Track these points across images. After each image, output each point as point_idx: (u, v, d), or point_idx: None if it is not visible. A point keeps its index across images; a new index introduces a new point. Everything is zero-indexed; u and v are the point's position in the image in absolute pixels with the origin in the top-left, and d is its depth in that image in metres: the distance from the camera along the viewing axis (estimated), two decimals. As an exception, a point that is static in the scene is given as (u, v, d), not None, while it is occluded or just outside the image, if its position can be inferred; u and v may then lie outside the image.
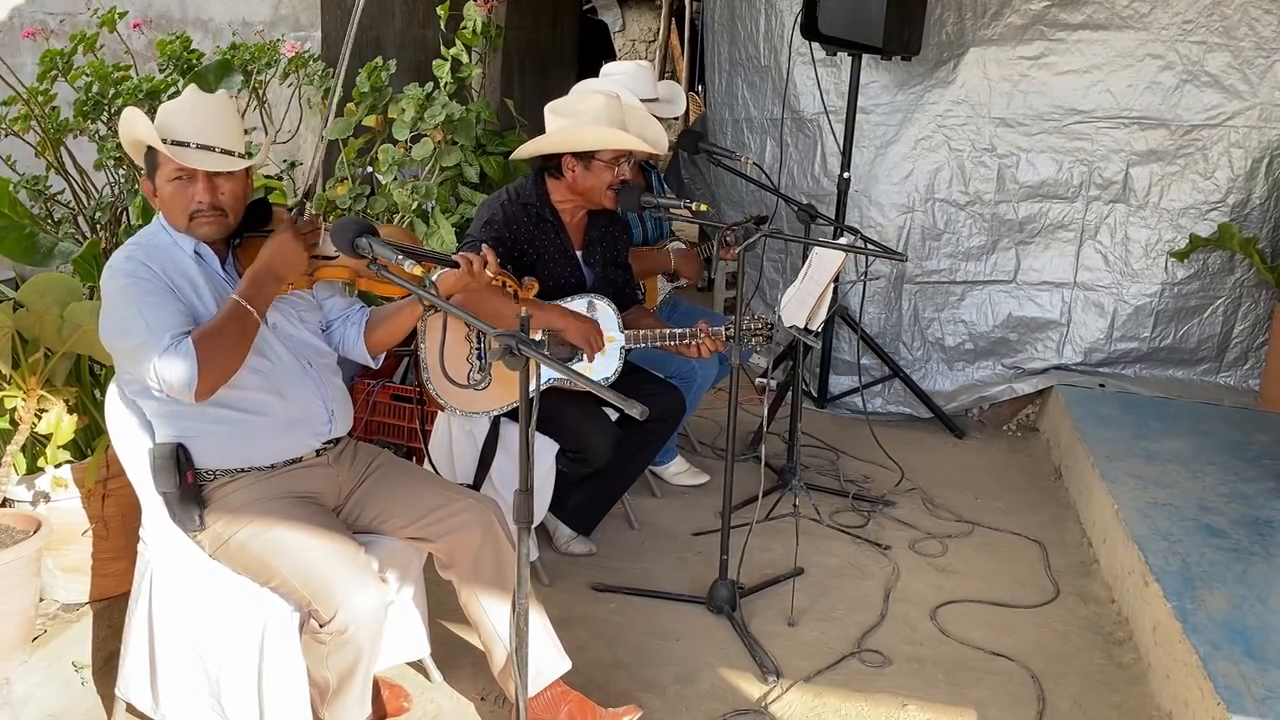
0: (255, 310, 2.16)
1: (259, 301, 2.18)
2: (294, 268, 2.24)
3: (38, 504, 2.50)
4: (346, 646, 2.13)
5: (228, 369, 2.14)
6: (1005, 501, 3.97)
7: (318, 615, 2.14)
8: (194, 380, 2.07)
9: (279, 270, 2.21)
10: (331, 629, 2.11)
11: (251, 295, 2.17)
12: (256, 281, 2.19)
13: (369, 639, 2.15)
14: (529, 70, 7.11)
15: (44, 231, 3.29)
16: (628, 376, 3.13)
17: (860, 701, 2.71)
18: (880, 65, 4.65)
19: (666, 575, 3.30)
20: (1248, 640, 2.61)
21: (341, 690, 2.20)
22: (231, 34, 4.62)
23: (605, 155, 3.01)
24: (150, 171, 2.24)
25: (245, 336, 2.16)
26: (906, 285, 4.81)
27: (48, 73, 3.64)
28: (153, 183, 2.24)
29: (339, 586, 2.12)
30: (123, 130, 2.27)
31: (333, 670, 2.17)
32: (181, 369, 2.06)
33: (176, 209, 2.22)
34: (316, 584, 2.13)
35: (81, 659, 2.52)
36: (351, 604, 2.10)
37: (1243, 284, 4.61)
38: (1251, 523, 3.30)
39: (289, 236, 2.23)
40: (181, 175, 2.20)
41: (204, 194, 2.21)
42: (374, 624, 2.15)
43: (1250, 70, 4.39)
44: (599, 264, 3.21)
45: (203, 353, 2.08)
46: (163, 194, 2.23)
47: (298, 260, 2.24)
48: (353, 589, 2.12)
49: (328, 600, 2.11)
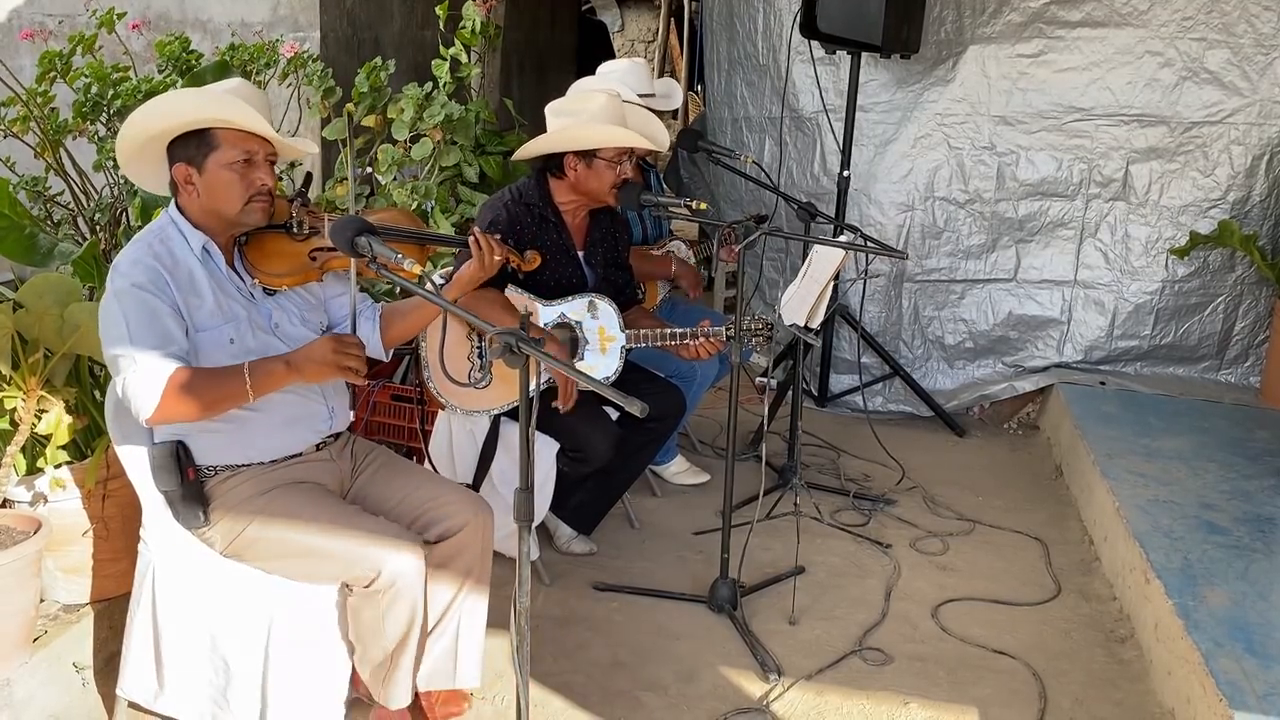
0: (252, 392, 2.13)
1: (262, 385, 2.14)
2: (317, 373, 2.17)
3: (37, 505, 2.50)
4: (400, 600, 2.16)
5: (187, 416, 2.12)
6: (1006, 500, 3.96)
7: (359, 580, 2.15)
8: (151, 411, 2.07)
9: (303, 368, 2.16)
10: (380, 585, 2.13)
11: (261, 377, 2.13)
12: (274, 373, 2.15)
13: (420, 594, 2.18)
14: (528, 70, 7.11)
15: (43, 232, 3.28)
16: (628, 376, 3.13)
17: (862, 700, 2.70)
18: (879, 63, 4.64)
19: (667, 574, 3.29)
20: (1249, 637, 2.60)
21: (397, 661, 2.23)
22: (230, 34, 4.62)
23: (608, 153, 3.01)
24: (195, 157, 2.18)
25: (223, 403, 2.14)
26: (906, 284, 4.81)
27: (46, 74, 3.64)
28: (196, 168, 2.18)
29: (375, 545, 2.15)
30: (162, 115, 2.17)
31: (393, 631, 2.20)
32: (145, 394, 2.06)
33: (234, 194, 2.19)
34: (351, 549, 2.15)
35: (82, 660, 2.52)
36: (392, 559, 2.13)
37: (1243, 281, 4.61)
38: (1253, 520, 3.30)
39: (330, 350, 2.15)
40: (246, 158, 2.18)
41: (269, 177, 2.22)
42: (420, 579, 2.17)
43: (1250, 67, 4.38)
44: (600, 264, 3.21)
45: (173, 391, 2.06)
46: (216, 180, 2.18)
47: (324, 367, 2.16)
48: (390, 546, 2.15)
49: (366, 562, 2.13)
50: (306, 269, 2.33)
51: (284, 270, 2.32)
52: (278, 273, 2.31)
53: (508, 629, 2.06)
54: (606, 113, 3.00)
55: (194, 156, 2.19)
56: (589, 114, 2.99)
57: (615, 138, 2.98)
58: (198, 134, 2.18)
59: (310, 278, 2.35)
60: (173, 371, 2.08)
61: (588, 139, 2.98)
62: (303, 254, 2.33)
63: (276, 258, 2.32)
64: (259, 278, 2.31)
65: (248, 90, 2.26)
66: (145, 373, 2.06)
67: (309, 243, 2.34)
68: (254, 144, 2.20)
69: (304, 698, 2.24)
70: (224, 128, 2.17)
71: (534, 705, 2.49)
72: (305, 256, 2.33)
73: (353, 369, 2.16)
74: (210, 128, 2.17)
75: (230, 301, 2.25)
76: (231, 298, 2.26)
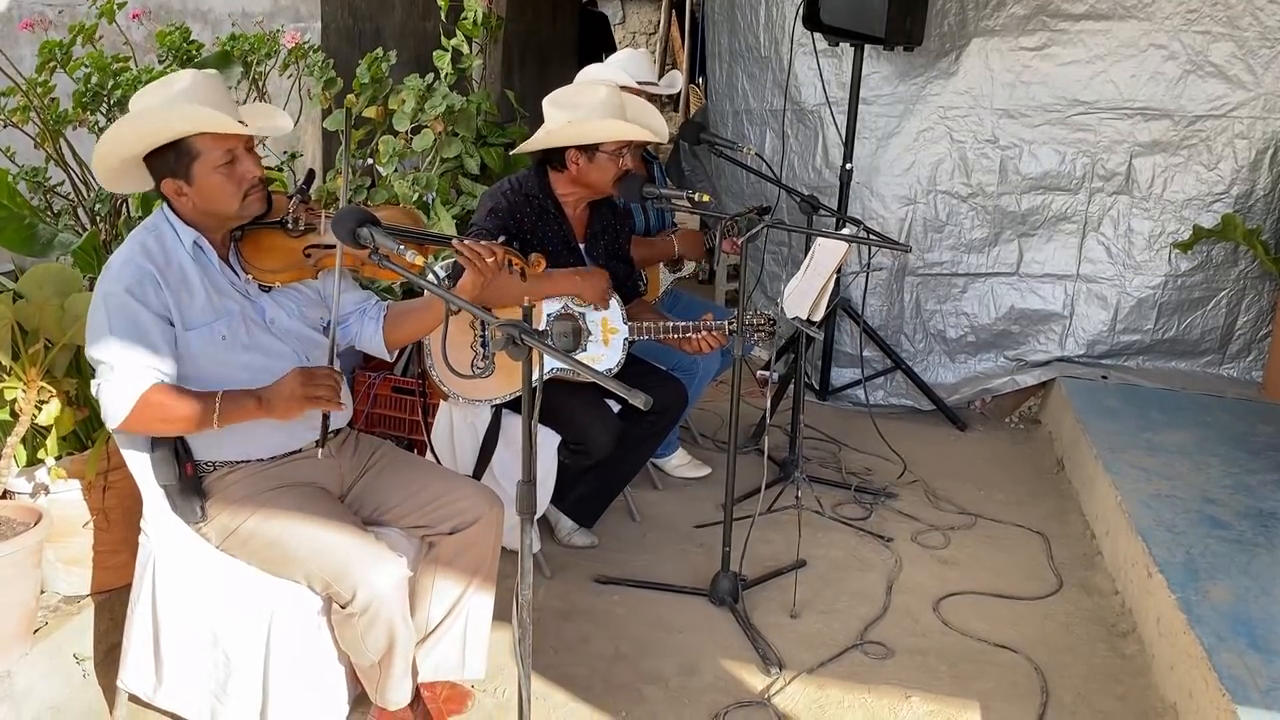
0: (218, 420, 2.11)
1: (229, 416, 2.13)
2: (287, 410, 2.15)
3: (38, 496, 2.49)
4: (377, 623, 2.14)
5: (154, 431, 2.16)
6: (1008, 493, 3.96)
7: (338, 597, 2.14)
8: (119, 421, 2.07)
9: (274, 405, 2.14)
10: (354, 608, 2.12)
11: (230, 409, 2.12)
12: (244, 407, 2.14)
13: (396, 613, 2.16)
14: (529, 62, 7.08)
15: (43, 223, 3.27)
16: (629, 369, 3.13)
17: (863, 693, 2.70)
18: (881, 56, 4.63)
19: (668, 567, 3.29)
20: (1252, 632, 2.60)
21: (386, 670, 2.22)
22: (231, 25, 4.59)
23: (609, 147, 3.02)
24: (177, 170, 2.16)
25: (190, 426, 2.13)
26: (908, 277, 4.80)
27: (46, 64, 3.62)
28: (184, 180, 2.17)
29: (354, 565, 2.12)
30: (136, 138, 2.15)
31: (373, 650, 2.18)
32: (117, 404, 2.06)
33: (227, 194, 2.18)
34: (332, 566, 2.14)
35: (83, 651, 2.51)
36: (369, 581, 2.11)
37: (1246, 276, 4.60)
38: (1255, 514, 3.29)
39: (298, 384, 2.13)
40: (230, 159, 2.16)
41: (256, 166, 2.21)
42: (397, 598, 2.15)
43: (1254, 60, 4.37)
44: (601, 256, 3.20)
45: (144, 406, 2.06)
46: (207, 186, 2.16)
47: (292, 402, 2.14)
48: (369, 565, 2.13)
49: (345, 581, 2.12)
50: (300, 265, 2.32)
51: (277, 266, 2.30)
52: (271, 268, 2.30)
53: (509, 622, 2.05)
54: (607, 106, 2.99)
55: (177, 169, 2.16)
56: (589, 108, 2.99)
57: (618, 131, 2.98)
58: (174, 145, 2.14)
59: (304, 274, 2.34)
60: (148, 387, 2.07)
61: (591, 134, 2.98)
62: (297, 250, 2.31)
63: (270, 253, 2.30)
64: (253, 273, 2.29)
65: (205, 87, 2.18)
66: (121, 382, 2.07)
67: (304, 239, 2.32)
68: (232, 140, 2.17)
69: (306, 692, 2.23)
70: (198, 134, 2.14)
71: (536, 698, 2.48)
72: (300, 253, 2.31)
73: (323, 399, 2.14)
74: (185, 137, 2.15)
75: (223, 298, 2.24)
76: (225, 294, 2.24)
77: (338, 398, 2.17)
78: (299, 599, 2.21)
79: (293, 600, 2.21)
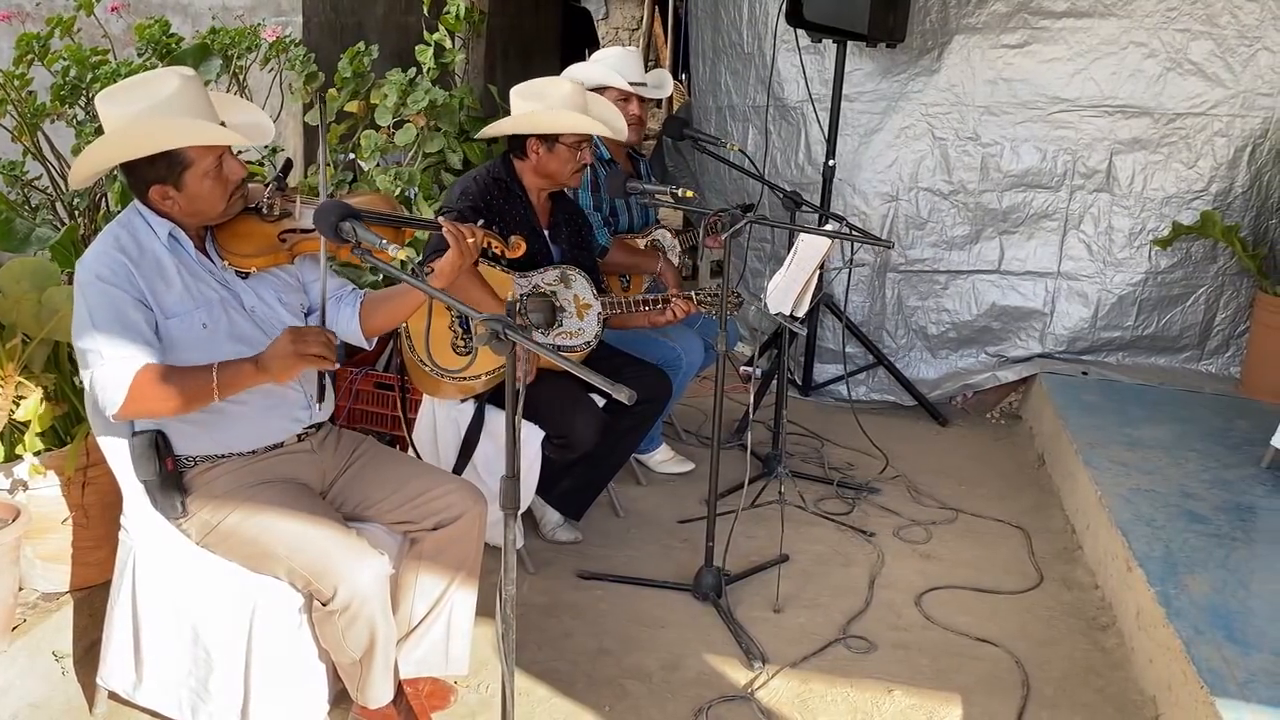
0: (218, 391, 2.09)
1: (229, 385, 2.11)
2: (283, 369, 2.12)
3: (16, 492, 2.47)
4: (358, 621, 2.13)
5: (155, 412, 2.13)
6: (989, 488, 3.98)
7: (319, 594, 2.13)
8: (118, 406, 2.06)
9: (269, 366, 2.11)
10: (335, 606, 2.11)
11: (229, 377, 2.10)
12: (243, 372, 2.11)
13: (378, 610, 2.15)
14: (512, 57, 7.06)
15: (21, 217, 3.25)
16: (612, 361, 3.14)
17: (846, 687, 2.71)
18: (864, 53, 4.64)
19: (652, 563, 3.29)
20: (1230, 625, 2.62)
21: (367, 668, 2.21)
22: (211, 18, 4.56)
23: (568, 139, 3.11)
24: (168, 177, 2.14)
25: (190, 401, 2.11)
26: (890, 274, 4.82)
27: (24, 57, 3.60)
28: (173, 187, 2.15)
29: (335, 563, 2.12)
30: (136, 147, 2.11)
31: (354, 648, 2.17)
32: (112, 389, 2.05)
33: (216, 197, 2.18)
34: (313, 564, 2.13)
35: (62, 649, 2.50)
36: (351, 578, 2.10)
37: (1225, 272, 4.64)
38: (1233, 508, 3.32)
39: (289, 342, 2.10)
40: (219, 164, 2.16)
41: (240, 168, 2.21)
42: (378, 595, 2.15)
43: (1233, 58, 4.40)
44: (565, 242, 3.29)
45: (140, 387, 2.04)
46: (197, 191, 2.16)
47: (287, 360, 2.11)
48: (350, 563, 2.12)
49: (326, 578, 2.11)
50: (275, 250, 2.31)
51: (252, 251, 2.29)
52: (246, 253, 2.29)
53: (492, 617, 2.05)
54: (569, 100, 3.08)
55: (167, 177, 2.14)
56: (552, 101, 3.08)
57: (577, 124, 3.07)
58: (164, 154, 2.12)
59: (280, 259, 2.33)
60: (140, 367, 2.06)
61: (550, 124, 3.07)
62: (272, 235, 2.31)
63: (245, 238, 2.30)
64: (229, 259, 2.28)
65: (190, 94, 2.14)
66: (112, 368, 2.05)
67: (279, 224, 2.32)
68: (220, 146, 2.17)
69: (287, 689, 2.23)
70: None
71: (519, 694, 2.48)
72: (275, 238, 2.30)
73: (317, 355, 2.10)
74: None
75: (201, 286, 2.23)
76: (203, 282, 2.23)
77: (332, 354, 2.15)
78: (280, 596, 2.19)
79: (274, 597, 2.19)
